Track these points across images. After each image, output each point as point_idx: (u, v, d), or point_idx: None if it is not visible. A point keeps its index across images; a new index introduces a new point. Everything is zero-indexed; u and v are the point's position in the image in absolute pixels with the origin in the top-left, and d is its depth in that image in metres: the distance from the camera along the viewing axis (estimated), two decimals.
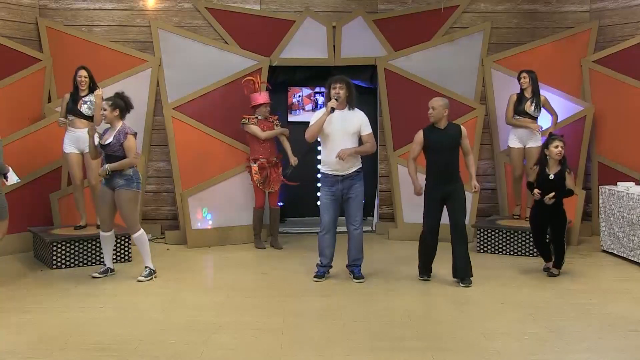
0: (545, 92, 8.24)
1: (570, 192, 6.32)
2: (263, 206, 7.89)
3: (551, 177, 6.25)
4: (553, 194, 6.18)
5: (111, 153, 6.22)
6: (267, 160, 7.80)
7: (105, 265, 6.56)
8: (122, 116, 6.34)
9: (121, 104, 6.31)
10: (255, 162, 7.77)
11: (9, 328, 4.97)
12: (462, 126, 6.36)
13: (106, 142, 6.24)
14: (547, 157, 6.32)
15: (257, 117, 7.81)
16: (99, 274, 6.46)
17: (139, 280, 6.30)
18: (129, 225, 6.36)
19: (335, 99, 6.12)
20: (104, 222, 6.46)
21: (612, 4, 8.79)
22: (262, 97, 7.88)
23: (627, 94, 8.37)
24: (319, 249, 6.38)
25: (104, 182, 6.35)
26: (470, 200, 8.17)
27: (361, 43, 8.74)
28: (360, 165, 6.30)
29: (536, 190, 6.26)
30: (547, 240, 6.52)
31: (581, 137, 8.46)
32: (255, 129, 7.75)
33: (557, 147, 6.26)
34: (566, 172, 6.28)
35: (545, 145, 6.39)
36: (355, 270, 6.35)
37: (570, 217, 7.82)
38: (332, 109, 6.10)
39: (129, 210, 6.30)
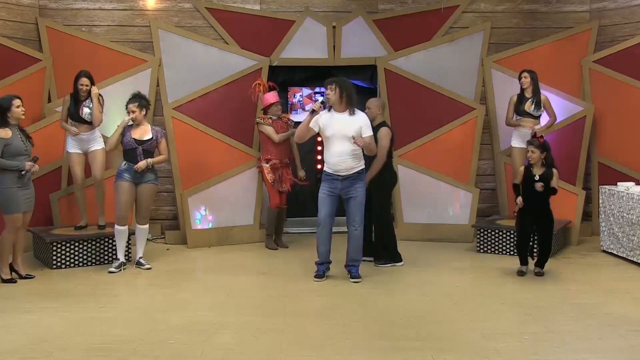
0: (545, 92, 8.23)
1: (553, 191, 6.33)
2: (279, 205, 7.86)
3: (536, 177, 6.29)
4: (541, 184, 6.23)
5: (150, 149, 6.71)
6: (280, 161, 7.81)
7: (118, 259, 6.73)
8: (146, 114, 6.80)
9: (145, 104, 6.79)
10: (267, 163, 7.77)
11: (9, 328, 4.97)
12: (383, 127, 6.72)
13: (145, 138, 6.68)
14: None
15: (271, 118, 7.80)
16: (115, 268, 6.62)
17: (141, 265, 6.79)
18: (147, 216, 6.86)
19: (322, 102, 6.18)
20: (126, 217, 6.70)
21: (612, 4, 8.80)
22: (271, 96, 7.88)
23: (627, 94, 8.38)
24: (316, 246, 6.40)
25: (127, 177, 6.58)
26: (470, 200, 8.20)
27: (361, 43, 8.74)
28: (363, 167, 6.31)
29: (519, 199, 6.34)
30: (531, 244, 6.53)
31: (581, 137, 8.46)
32: (270, 130, 7.73)
33: (527, 151, 6.40)
34: (553, 171, 6.30)
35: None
36: (352, 270, 6.35)
37: (570, 217, 7.85)
38: (313, 111, 6.18)
39: (151, 202, 6.95)
